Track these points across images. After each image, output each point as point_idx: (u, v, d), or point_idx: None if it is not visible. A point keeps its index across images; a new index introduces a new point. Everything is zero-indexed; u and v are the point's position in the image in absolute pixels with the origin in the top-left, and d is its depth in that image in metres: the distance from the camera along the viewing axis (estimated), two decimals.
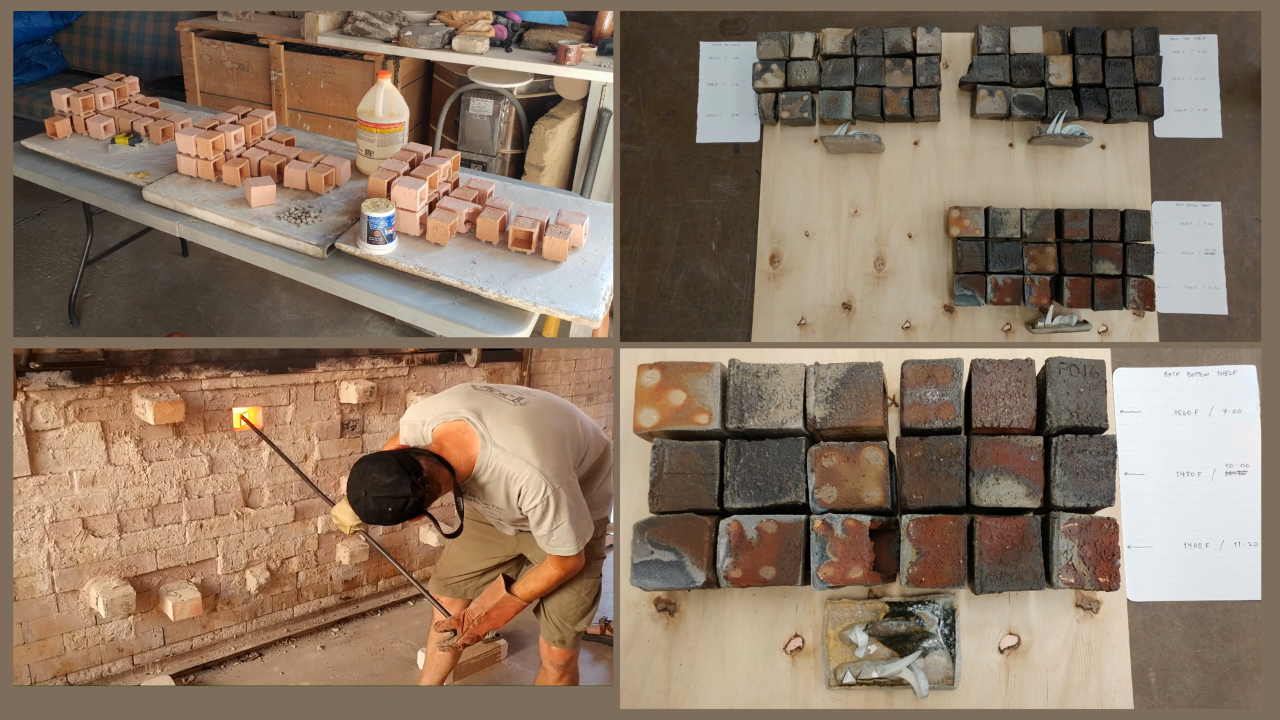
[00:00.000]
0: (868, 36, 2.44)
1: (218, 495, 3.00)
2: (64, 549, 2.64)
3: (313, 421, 3.27)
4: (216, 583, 3.04)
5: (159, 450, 2.81)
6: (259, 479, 3.11)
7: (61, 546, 2.63)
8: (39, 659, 2.64)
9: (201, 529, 2.96)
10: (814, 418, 1.80)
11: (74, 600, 2.68)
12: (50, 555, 2.62)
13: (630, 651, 1.91)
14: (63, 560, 2.65)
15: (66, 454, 2.60)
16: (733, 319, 2.44)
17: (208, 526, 2.97)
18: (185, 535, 2.93)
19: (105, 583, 2.70)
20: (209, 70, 4.30)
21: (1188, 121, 2.43)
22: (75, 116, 3.11)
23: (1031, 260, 2.33)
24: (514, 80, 4.00)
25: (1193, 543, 1.91)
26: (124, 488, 2.74)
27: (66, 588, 2.66)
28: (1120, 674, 1.84)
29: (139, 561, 2.82)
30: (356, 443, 3.43)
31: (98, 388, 2.62)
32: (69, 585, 2.66)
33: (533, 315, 2.43)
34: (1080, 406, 1.76)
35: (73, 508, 2.64)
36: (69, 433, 2.59)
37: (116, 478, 2.72)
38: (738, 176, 2.52)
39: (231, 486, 3.03)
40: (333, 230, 2.64)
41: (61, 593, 2.66)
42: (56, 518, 2.62)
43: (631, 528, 1.83)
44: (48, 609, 2.64)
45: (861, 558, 1.75)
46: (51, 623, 2.65)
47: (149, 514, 2.81)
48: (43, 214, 4.08)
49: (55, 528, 2.62)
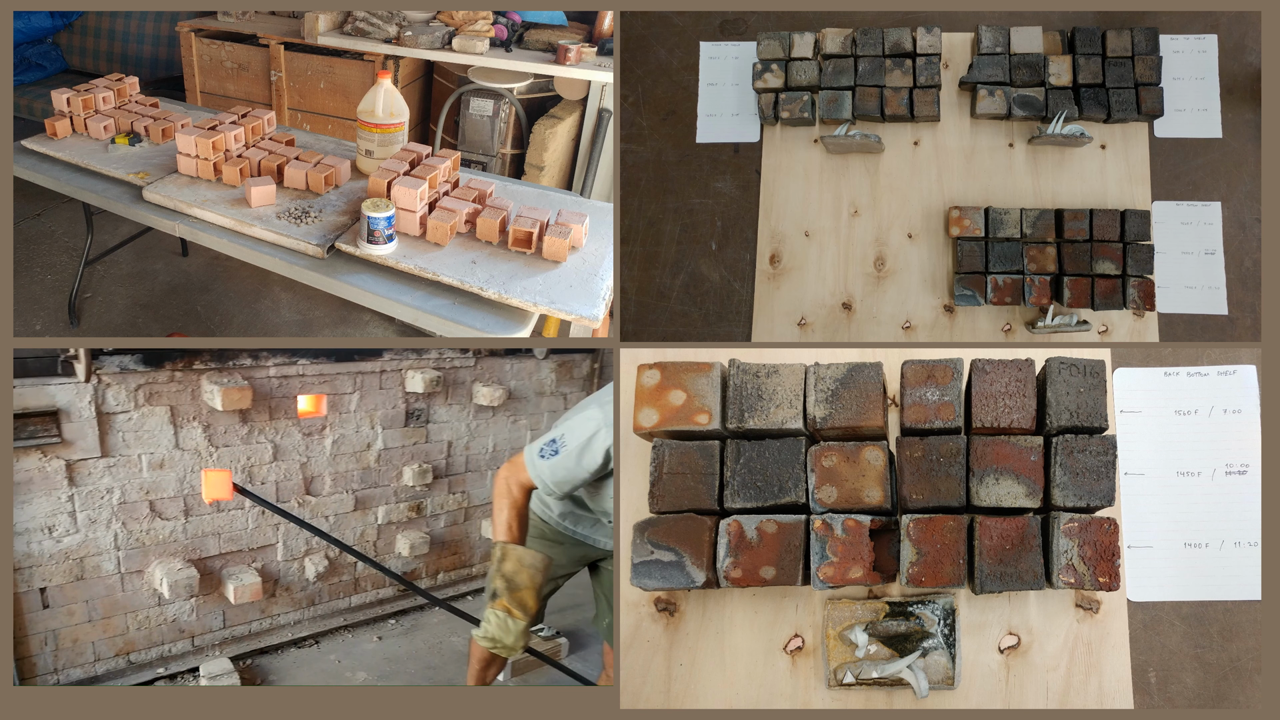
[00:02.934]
0: (868, 36, 2.44)
1: (280, 482, 3.05)
2: (131, 530, 2.73)
3: (377, 410, 3.27)
4: (276, 569, 3.10)
5: (225, 436, 2.87)
6: (321, 467, 3.14)
7: (129, 528, 2.73)
8: (103, 637, 2.74)
9: (263, 515, 3.03)
10: (814, 418, 1.80)
11: (138, 581, 2.77)
12: (118, 536, 2.71)
13: (630, 651, 1.91)
14: (129, 541, 2.74)
15: (136, 437, 2.69)
16: (733, 319, 2.44)
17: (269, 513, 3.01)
18: (247, 521, 2.99)
19: (170, 564, 2.79)
20: (209, 70, 4.30)
21: (1188, 121, 2.43)
22: (75, 116, 3.11)
23: (1031, 260, 2.32)
24: (514, 80, 4.00)
25: (1193, 543, 1.91)
26: (190, 472, 2.82)
27: (132, 568, 2.76)
28: (1120, 674, 1.84)
29: (203, 545, 2.90)
30: (421, 433, 3.43)
31: (167, 372, 2.70)
32: (134, 566, 2.76)
33: (533, 315, 2.43)
34: (1080, 406, 1.76)
35: (140, 490, 2.73)
36: (139, 416, 2.67)
37: (184, 462, 2.80)
38: (738, 176, 2.52)
39: (294, 474, 3.07)
40: (333, 230, 2.64)
41: (127, 573, 2.75)
42: (125, 499, 2.71)
43: (631, 528, 1.83)
44: (113, 588, 2.73)
45: (861, 558, 1.75)
46: (116, 602, 2.74)
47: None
48: (43, 214, 4.09)
49: (123, 509, 2.71)
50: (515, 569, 2.05)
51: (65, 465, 2.57)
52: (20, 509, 2.55)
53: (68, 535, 2.62)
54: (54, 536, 2.60)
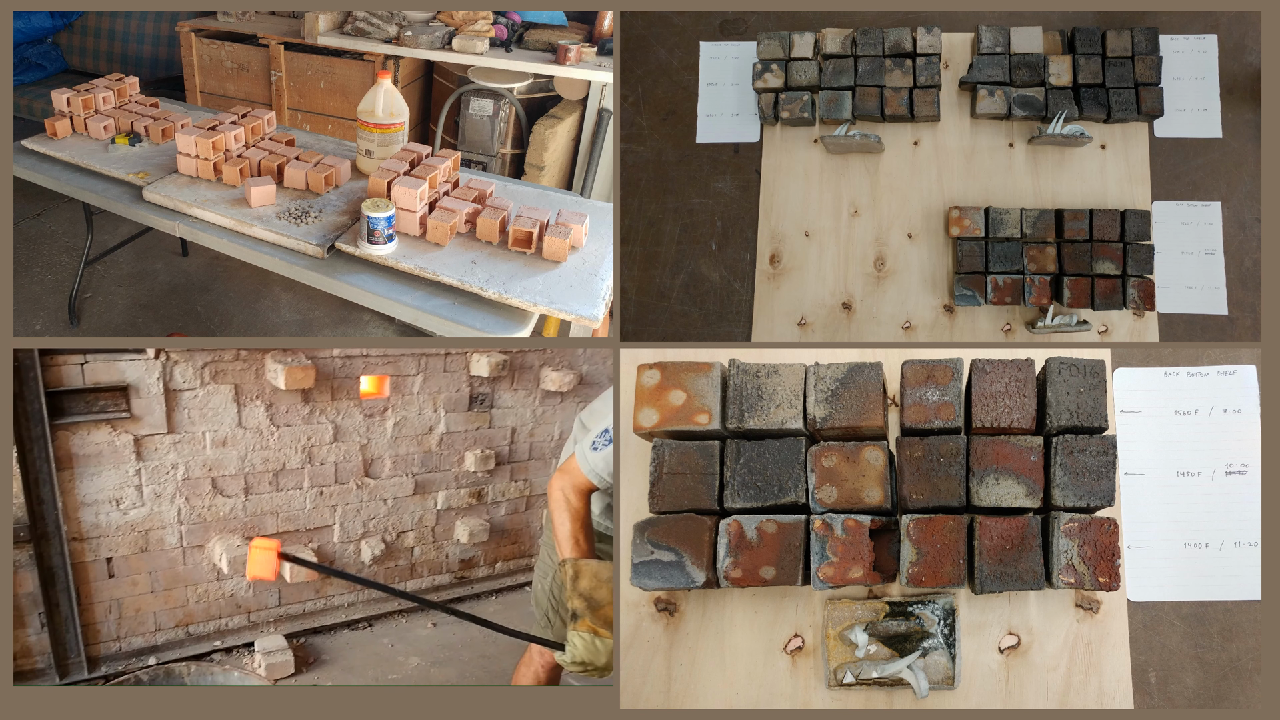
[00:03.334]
0: (868, 36, 2.44)
1: (339, 464, 3.08)
2: (194, 505, 2.81)
3: (441, 393, 3.27)
4: (332, 550, 3.13)
5: (287, 415, 2.91)
6: (381, 449, 3.15)
7: (192, 503, 2.80)
8: (164, 608, 2.82)
9: (321, 496, 3.05)
10: (814, 418, 1.80)
11: (199, 555, 2.85)
12: (180, 511, 2.79)
13: (630, 651, 1.91)
14: (191, 516, 2.82)
15: (201, 414, 2.76)
16: (733, 319, 2.44)
17: (327, 494, 3.06)
18: (305, 501, 3.03)
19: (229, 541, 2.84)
20: (209, 70, 4.30)
21: (1188, 121, 2.43)
22: (75, 116, 3.11)
23: (1031, 260, 2.32)
24: (514, 80, 4.00)
25: (1193, 543, 1.91)
26: (252, 450, 2.88)
27: (193, 543, 2.83)
28: (1120, 674, 1.84)
29: (261, 523, 2.96)
30: (485, 417, 3.41)
31: (233, 350, 2.71)
32: (195, 541, 2.83)
33: (533, 315, 2.43)
34: (1080, 406, 1.76)
35: (204, 467, 2.81)
36: (204, 394, 2.73)
37: (246, 440, 2.85)
38: (738, 176, 2.52)
39: (353, 455, 3.09)
40: (333, 230, 2.64)
41: (188, 547, 2.83)
42: (188, 475, 2.79)
43: (631, 528, 1.83)
44: (175, 561, 2.81)
45: (861, 558, 1.75)
46: (177, 575, 2.83)
47: (274, 478, 2.94)
48: (43, 214, 4.09)
49: (186, 485, 2.79)
50: (593, 585, 1.93)
51: (134, 440, 2.65)
52: (90, 481, 2.63)
53: (134, 508, 2.70)
54: (121, 509, 2.69)
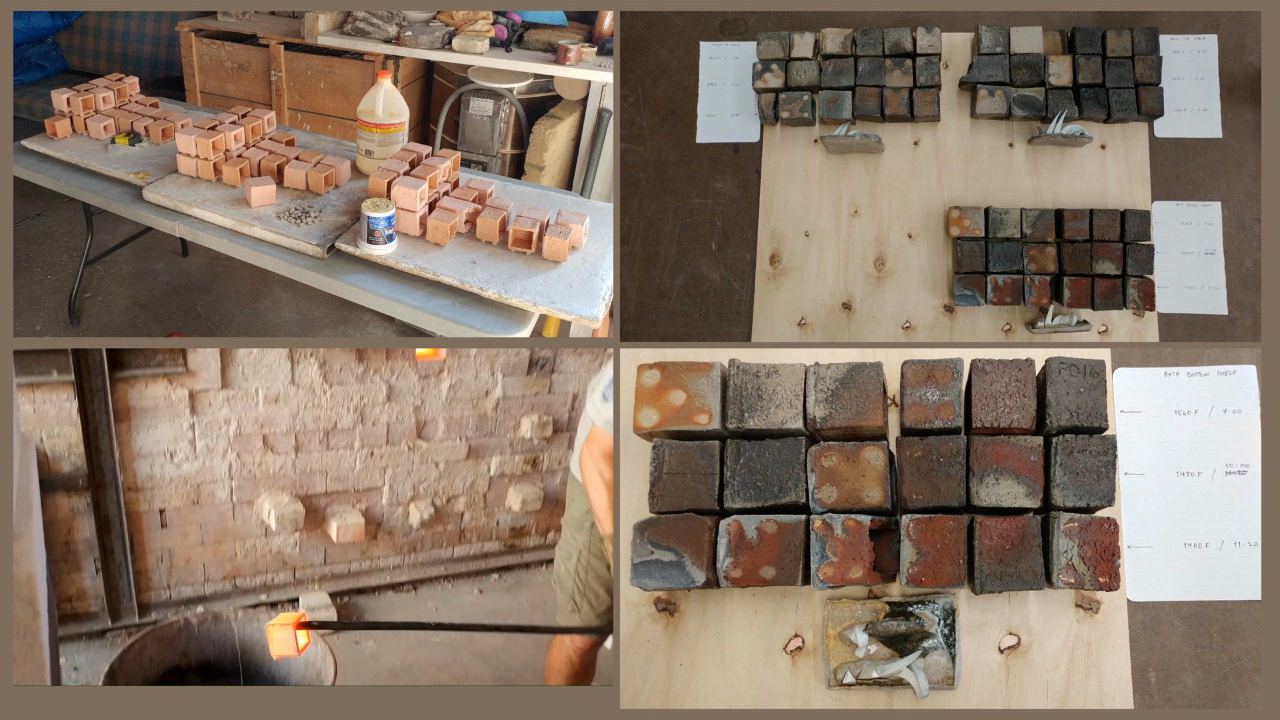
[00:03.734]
0: (868, 36, 2.44)
1: (391, 424, 3.06)
2: (245, 461, 2.83)
3: (499, 356, 3.21)
4: (380, 512, 3.12)
5: (340, 374, 2.91)
6: (435, 411, 3.11)
7: (243, 459, 2.83)
8: (213, 560, 2.85)
9: (372, 457, 3.04)
10: (814, 418, 1.80)
11: (248, 511, 2.88)
12: (231, 466, 2.81)
13: (630, 651, 1.91)
14: (242, 472, 2.84)
15: (254, 371, 2.78)
16: (733, 319, 2.44)
17: (378, 455, 3.04)
18: (356, 461, 3.03)
19: (278, 498, 2.88)
20: (209, 70, 4.30)
21: (1188, 121, 2.43)
22: (75, 116, 3.11)
23: (1031, 260, 2.32)
24: (514, 80, 4.00)
25: (1193, 543, 1.91)
26: (304, 409, 2.90)
27: (243, 498, 2.86)
28: (1120, 674, 1.84)
29: (310, 482, 2.96)
30: (544, 383, 3.34)
31: None
32: (245, 496, 2.86)
33: (533, 315, 2.43)
34: (1080, 406, 1.76)
35: (255, 423, 2.83)
36: (258, 351, 2.74)
37: (298, 398, 2.88)
38: (738, 176, 2.52)
39: (406, 417, 3.07)
40: (333, 230, 2.64)
41: (238, 503, 2.85)
42: (240, 431, 2.81)
43: (631, 528, 1.83)
44: (224, 515, 2.84)
45: (861, 558, 1.75)
46: (226, 529, 2.85)
47: (324, 437, 2.95)
48: (43, 214, 4.09)
49: (238, 441, 2.81)
50: None
51: (189, 394, 2.68)
52: (146, 433, 2.68)
53: (187, 461, 2.73)
54: (174, 462, 2.72)
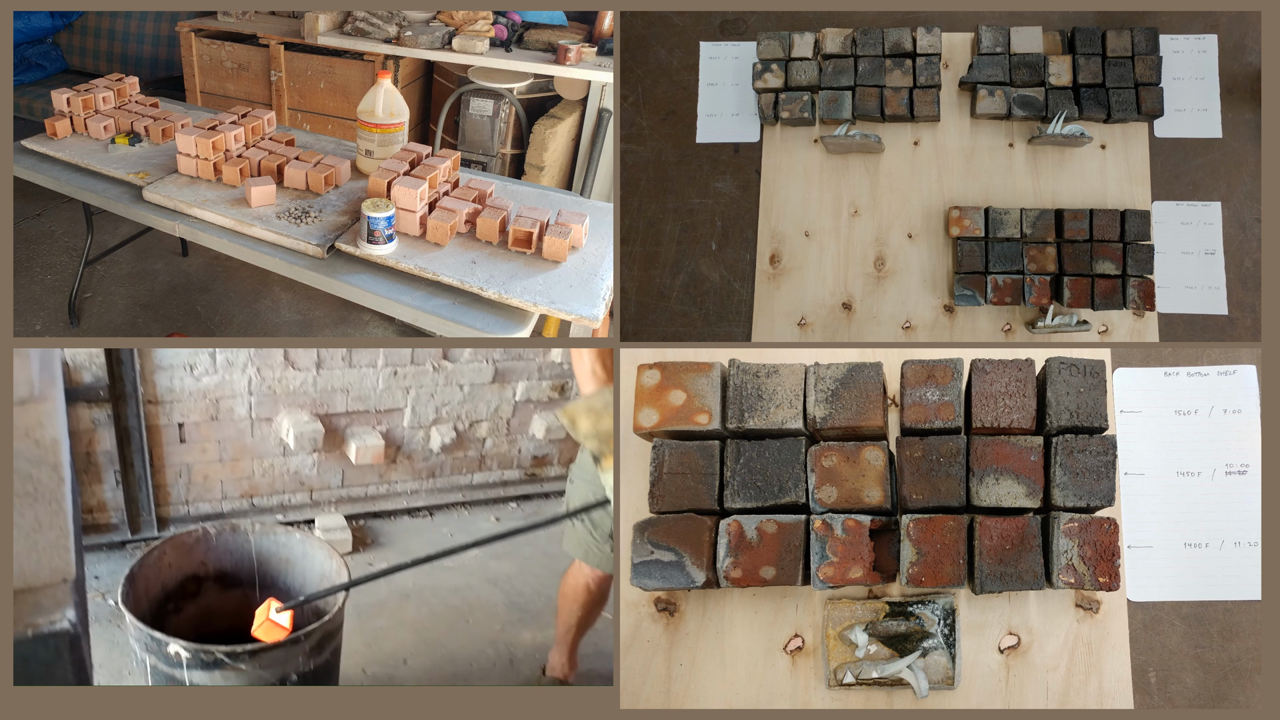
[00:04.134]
0: (868, 36, 2.44)
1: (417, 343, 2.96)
2: (265, 377, 2.76)
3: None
4: (400, 435, 3.03)
5: None
6: None
7: (263, 374, 2.75)
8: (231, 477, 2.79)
9: (395, 376, 2.95)
10: (814, 418, 1.80)
11: (267, 428, 2.80)
12: (251, 381, 2.74)
13: (630, 651, 1.91)
14: (262, 388, 2.77)
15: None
16: (733, 319, 2.44)
17: (402, 374, 2.95)
18: (378, 380, 2.94)
19: (297, 416, 2.81)
20: (209, 70, 4.30)
21: (1188, 121, 2.43)
22: (75, 116, 3.11)
23: (1031, 260, 2.32)
24: (514, 80, 4.00)
25: (1193, 543, 1.91)
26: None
27: (262, 415, 2.79)
28: (1120, 674, 1.84)
29: (330, 400, 2.89)
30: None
31: None
32: (264, 413, 2.79)
33: (533, 315, 2.43)
34: (1080, 406, 1.76)
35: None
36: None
37: None
38: (738, 176, 2.52)
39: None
40: (333, 230, 2.64)
41: (257, 419, 2.78)
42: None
43: (631, 528, 1.83)
44: (243, 432, 2.78)
45: (861, 558, 1.75)
46: (245, 446, 2.79)
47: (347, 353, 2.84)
48: (43, 214, 4.09)
49: (258, 355, 2.73)
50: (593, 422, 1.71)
51: None
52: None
53: (206, 375, 2.67)
54: (194, 375, 2.66)
